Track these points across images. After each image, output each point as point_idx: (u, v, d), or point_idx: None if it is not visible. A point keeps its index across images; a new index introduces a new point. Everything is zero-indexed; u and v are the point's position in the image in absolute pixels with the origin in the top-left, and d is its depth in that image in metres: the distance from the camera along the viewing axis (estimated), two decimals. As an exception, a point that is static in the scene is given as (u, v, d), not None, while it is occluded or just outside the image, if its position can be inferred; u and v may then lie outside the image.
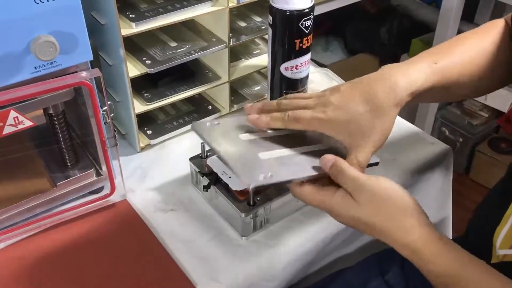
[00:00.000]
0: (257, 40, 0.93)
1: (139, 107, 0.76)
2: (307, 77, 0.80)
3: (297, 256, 0.66)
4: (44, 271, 0.63)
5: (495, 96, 1.71)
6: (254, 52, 0.90)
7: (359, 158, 0.55)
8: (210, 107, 0.87)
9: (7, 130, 0.58)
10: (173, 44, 0.78)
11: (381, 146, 0.57)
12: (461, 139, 1.84)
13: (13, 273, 0.62)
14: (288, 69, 0.76)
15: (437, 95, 0.63)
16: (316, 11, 0.75)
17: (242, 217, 0.64)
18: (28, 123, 0.60)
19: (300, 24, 0.72)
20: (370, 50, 2.01)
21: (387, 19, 2.00)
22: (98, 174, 0.71)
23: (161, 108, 0.83)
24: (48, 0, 0.54)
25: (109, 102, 0.64)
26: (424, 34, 1.87)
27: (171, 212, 0.70)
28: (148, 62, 0.74)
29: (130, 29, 0.69)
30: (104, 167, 0.70)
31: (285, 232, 0.67)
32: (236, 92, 0.90)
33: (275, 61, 0.77)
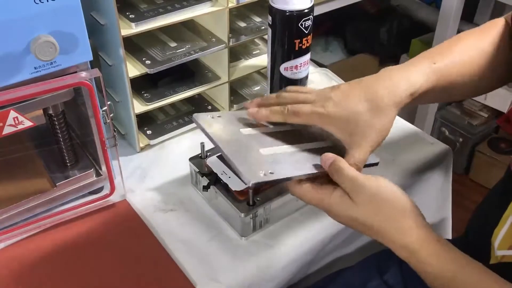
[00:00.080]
0: (257, 40, 0.93)
1: (139, 107, 0.76)
2: (307, 77, 0.80)
3: (297, 256, 0.66)
4: (44, 271, 0.63)
5: (495, 96, 1.71)
6: (254, 52, 0.90)
7: (357, 157, 0.55)
8: (210, 107, 0.87)
9: (7, 130, 0.58)
10: (173, 44, 0.78)
11: (379, 145, 0.57)
12: (461, 139, 1.84)
13: (13, 273, 0.62)
14: (288, 69, 0.76)
15: (437, 96, 0.63)
16: (316, 11, 0.75)
17: (242, 217, 0.64)
18: (28, 123, 0.60)
19: (300, 24, 0.72)
20: (370, 50, 2.01)
21: (387, 19, 2.00)
22: (98, 174, 0.72)
23: (161, 108, 0.83)
24: (48, 0, 0.54)
25: (109, 102, 0.64)
26: (424, 34, 1.88)
27: (171, 212, 0.70)
28: (148, 62, 0.74)
29: (130, 29, 0.69)
30: (104, 167, 0.70)
31: (285, 232, 0.67)
32: (236, 92, 0.90)
33: (275, 61, 0.77)
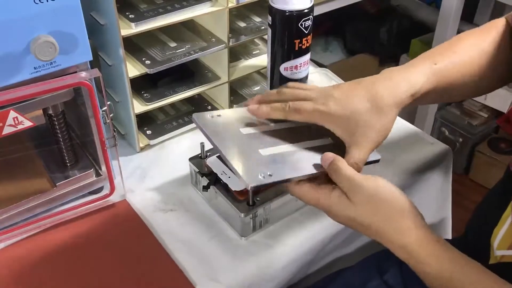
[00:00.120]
0: (257, 41, 0.93)
1: (139, 107, 0.76)
2: (307, 78, 0.80)
3: (297, 256, 0.66)
4: (44, 271, 0.63)
5: (495, 96, 1.71)
6: (254, 52, 0.90)
7: (357, 156, 0.55)
8: (210, 107, 0.87)
9: (7, 131, 0.58)
10: (173, 45, 0.78)
11: (379, 145, 0.57)
12: (461, 139, 1.84)
13: (13, 273, 0.62)
14: (288, 69, 0.76)
15: (438, 96, 0.63)
16: (316, 11, 0.75)
17: (242, 217, 0.64)
18: (28, 123, 0.60)
19: (300, 25, 0.72)
20: (370, 50, 2.01)
21: (387, 19, 2.00)
22: (98, 174, 0.71)
23: (161, 108, 0.83)
24: (48, 1, 0.54)
25: (109, 102, 0.64)
26: (424, 34, 1.87)
27: (171, 212, 0.70)
28: (148, 62, 0.74)
29: (130, 29, 0.69)
30: (104, 167, 0.70)
31: (285, 232, 0.67)
32: (236, 93, 0.90)
33: (275, 61, 0.77)
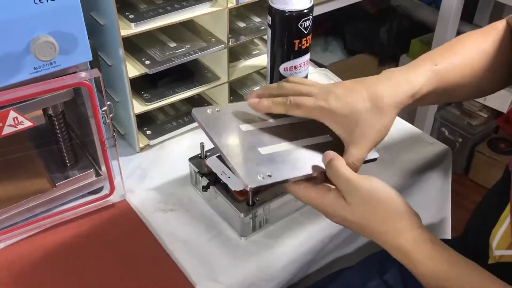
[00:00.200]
0: (256, 41, 0.93)
1: (139, 108, 0.76)
2: (306, 78, 0.80)
3: (297, 256, 0.66)
4: (44, 271, 0.63)
5: (495, 97, 1.71)
6: (253, 53, 0.90)
7: (355, 155, 0.55)
8: (210, 108, 0.87)
9: (7, 131, 0.58)
10: (173, 45, 0.78)
11: (377, 144, 0.57)
12: (461, 140, 1.84)
13: (13, 273, 0.62)
14: (287, 70, 0.76)
15: (439, 97, 0.63)
16: (315, 12, 0.75)
17: (241, 217, 0.64)
18: (28, 124, 0.60)
19: (299, 25, 0.72)
20: (370, 51, 2.01)
21: (387, 20, 2.00)
22: (98, 175, 0.72)
23: (161, 109, 0.83)
24: (48, 1, 0.54)
25: (109, 103, 0.65)
26: (424, 35, 1.88)
27: (171, 213, 0.70)
28: (148, 63, 0.74)
29: (130, 30, 0.69)
30: (104, 168, 0.70)
31: (285, 232, 0.67)
32: (236, 93, 0.90)
33: (274, 62, 0.77)
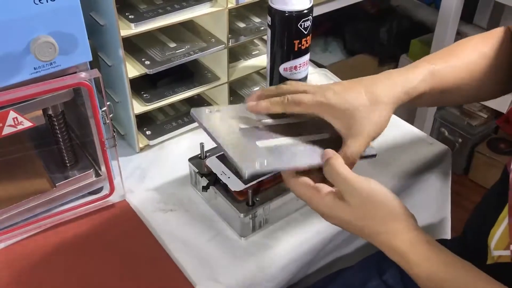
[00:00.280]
0: (256, 41, 0.93)
1: (138, 108, 0.76)
2: (306, 78, 0.80)
3: (297, 256, 0.66)
4: (44, 271, 0.63)
5: (494, 97, 1.71)
6: (253, 53, 0.90)
7: (353, 148, 0.55)
8: (209, 108, 0.87)
9: (7, 131, 0.58)
10: (172, 45, 0.78)
11: (374, 139, 0.57)
12: (460, 140, 1.84)
13: (13, 273, 0.62)
14: (287, 70, 0.76)
15: (437, 98, 0.63)
16: (315, 12, 0.75)
17: (241, 218, 0.64)
18: (28, 124, 0.60)
19: (299, 25, 0.72)
20: (369, 51, 2.01)
21: (387, 20, 2.00)
22: (97, 175, 0.72)
23: (160, 109, 0.83)
24: (48, 1, 0.54)
25: (108, 103, 0.65)
26: (424, 35, 1.88)
27: (170, 213, 0.70)
28: (147, 63, 0.74)
29: (129, 30, 0.69)
30: (103, 168, 0.70)
31: (284, 232, 0.68)
32: (235, 93, 0.90)
33: (274, 62, 0.77)
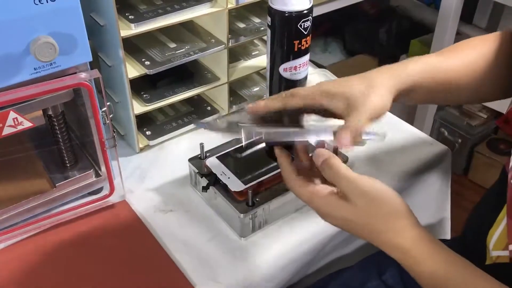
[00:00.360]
0: (256, 41, 0.93)
1: (138, 108, 0.77)
2: (306, 78, 0.80)
3: (296, 256, 0.67)
4: (44, 271, 0.63)
5: (494, 97, 1.71)
6: (253, 53, 0.90)
7: (355, 121, 0.55)
8: (209, 108, 0.87)
9: (7, 131, 0.58)
10: (172, 45, 0.78)
11: (375, 119, 0.57)
12: (460, 140, 1.84)
13: (13, 273, 0.62)
14: (287, 70, 0.76)
15: (436, 93, 0.64)
16: (315, 12, 0.75)
17: (241, 218, 0.64)
18: (28, 124, 0.60)
19: (299, 25, 0.72)
20: (369, 51, 2.01)
21: (386, 20, 2.00)
22: (97, 175, 0.72)
23: (160, 109, 0.83)
24: (48, 1, 0.54)
25: (108, 103, 0.65)
26: (423, 35, 1.88)
27: (170, 213, 0.70)
28: (147, 63, 0.74)
29: (129, 30, 0.69)
30: (103, 168, 0.70)
31: (284, 233, 0.68)
32: (235, 93, 0.90)
33: (274, 62, 0.77)
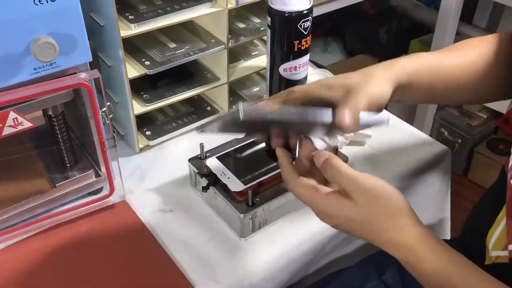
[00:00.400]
0: (256, 42, 0.93)
1: (138, 108, 0.77)
2: (306, 78, 0.80)
3: (296, 257, 0.67)
4: (44, 272, 0.63)
5: (494, 97, 1.71)
6: (253, 53, 0.90)
7: (355, 101, 0.55)
8: (209, 108, 0.87)
9: (7, 131, 0.58)
10: (172, 45, 0.78)
11: (371, 109, 0.57)
12: (460, 140, 1.84)
13: (13, 273, 0.62)
14: (287, 70, 0.76)
15: (435, 92, 0.64)
16: (315, 12, 0.75)
17: (241, 218, 0.64)
18: (28, 124, 0.60)
19: (299, 26, 0.72)
20: (369, 51, 2.01)
21: (386, 20, 2.00)
22: (97, 175, 0.72)
23: (160, 109, 0.83)
24: (48, 2, 0.54)
25: (108, 103, 0.65)
26: (423, 35, 1.88)
27: (170, 213, 0.70)
28: (147, 63, 0.74)
29: (129, 30, 0.69)
30: (103, 168, 0.70)
31: (284, 233, 0.68)
32: (235, 93, 0.90)
33: (274, 62, 0.77)
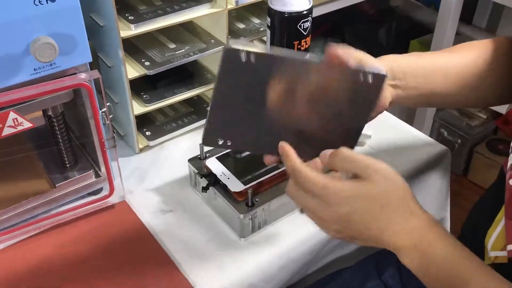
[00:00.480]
0: (256, 42, 0.93)
1: (138, 109, 0.77)
2: (306, 79, 0.80)
3: (296, 257, 0.67)
4: (44, 272, 0.63)
5: (493, 98, 1.71)
6: (253, 54, 0.90)
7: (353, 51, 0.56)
8: (209, 108, 0.87)
9: (6, 132, 0.59)
10: (172, 46, 0.78)
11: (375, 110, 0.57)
12: (460, 140, 1.84)
13: (13, 274, 0.62)
14: (287, 71, 0.76)
15: (434, 91, 0.64)
16: (315, 13, 0.75)
17: (241, 218, 0.64)
18: (27, 125, 0.60)
19: (299, 26, 0.72)
20: (369, 52, 2.00)
21: (386, 21, 2.00)
22: (97, 175, 0.72)
23: (160, 110, 0.83)
24: (48, 2, 0.54)
25: (108, 104, 0.65)
26: (423, 36, 1.88)
27: (170, 213, 0.70)
28: (147, 64, 0.74)
29: (129, 31, 0.69)
30: (103, 168, 0.70)
31: (284, 233, 0.68)
32: (235, 94, 0.90)
33: (274, 63, 0.77)
